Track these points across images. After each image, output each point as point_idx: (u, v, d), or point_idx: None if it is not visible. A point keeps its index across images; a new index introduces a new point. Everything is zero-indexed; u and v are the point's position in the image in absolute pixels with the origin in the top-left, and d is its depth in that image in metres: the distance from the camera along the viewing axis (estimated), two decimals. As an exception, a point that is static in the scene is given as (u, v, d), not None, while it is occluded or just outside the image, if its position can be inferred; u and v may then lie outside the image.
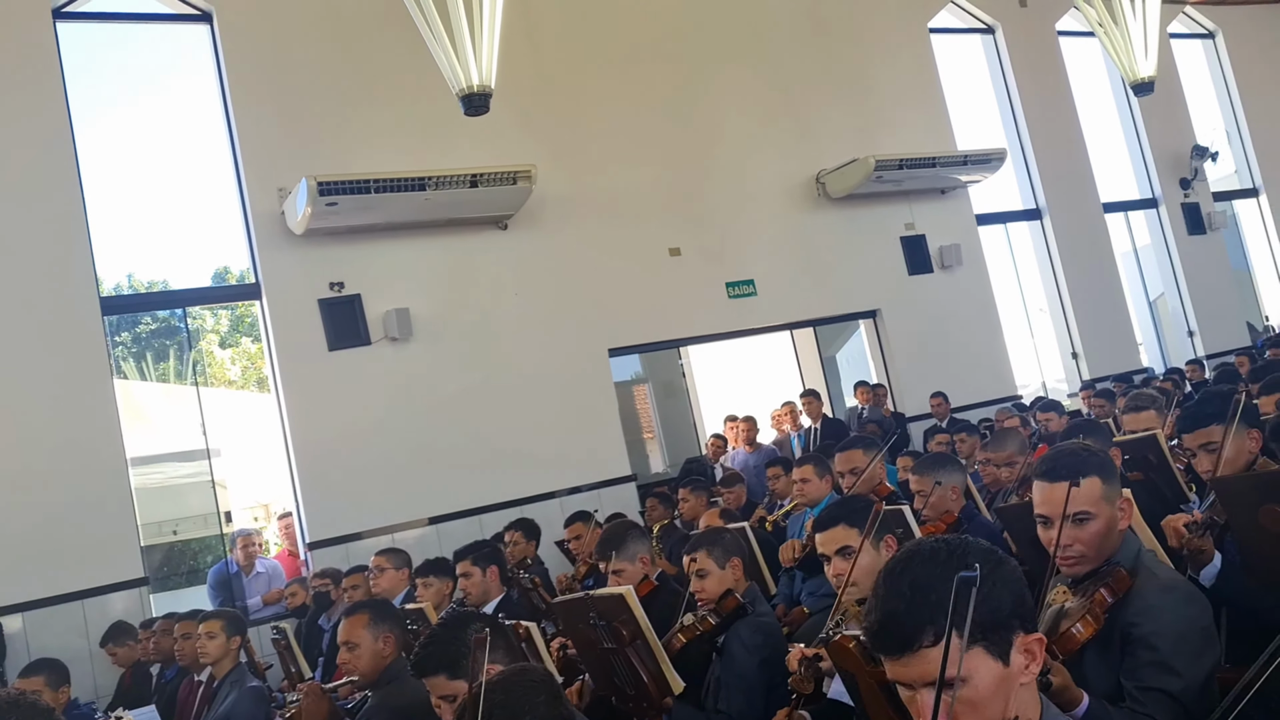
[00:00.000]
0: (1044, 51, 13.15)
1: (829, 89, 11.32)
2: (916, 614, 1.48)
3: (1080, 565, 2.45)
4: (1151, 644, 2.29)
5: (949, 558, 1.53)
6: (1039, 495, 2.53)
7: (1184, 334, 13.50)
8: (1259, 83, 15.07)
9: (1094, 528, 2.43)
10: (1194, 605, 2.38)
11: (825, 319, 11.21)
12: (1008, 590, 1.53)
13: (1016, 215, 12.76)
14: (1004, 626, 1.51)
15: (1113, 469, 2.53)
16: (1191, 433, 3.27)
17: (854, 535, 3.08)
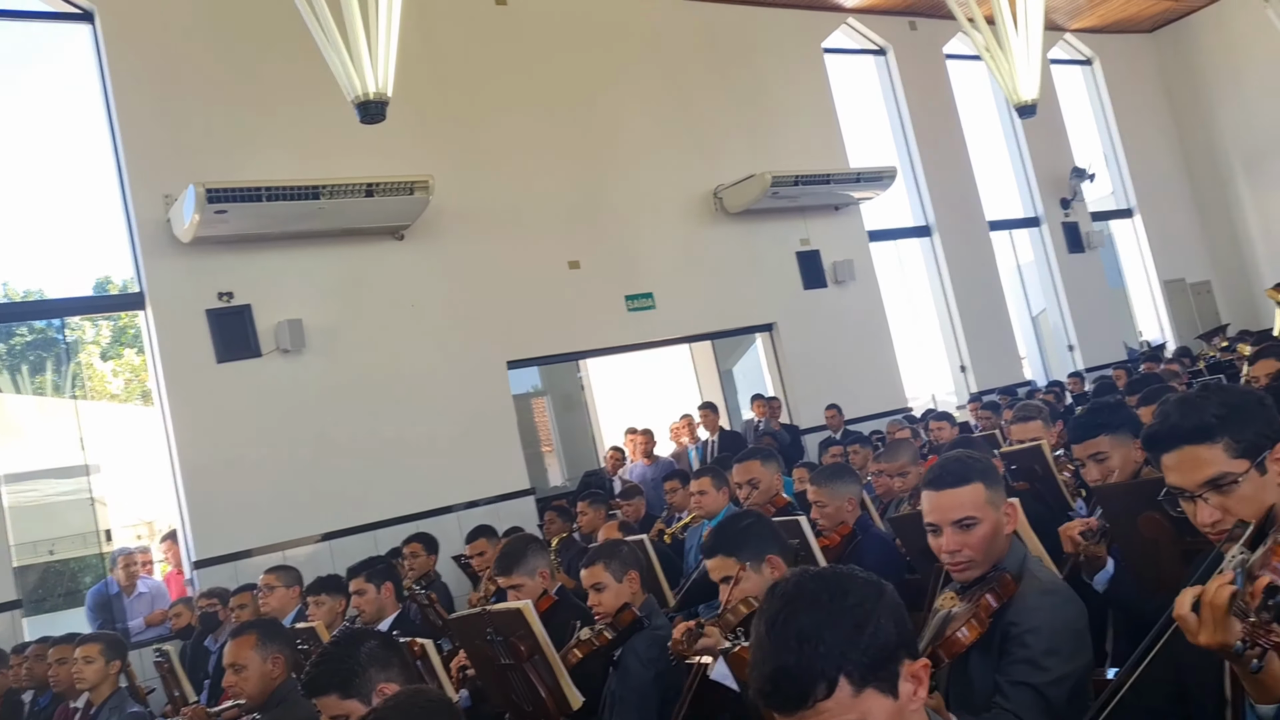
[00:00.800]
0: (933, 74, 13.56)
1: (726, 106, 11.48)
2: (807, 667, 1.43)
3: (969, 571, 2.51)
4: (1026, 642, 2.37)
5: (831, 600, 1.49)
6: (927, 504, 2.59)
7: (1064, 348, 14.03)
8: (1132, 108, 15.80)
9: (980, 532, 2.49)
10: (1071, 608, 2.47)
11: (722, 332, 11.33)
12: (892, 621, 1.50)
13: (907, 232, 13.10)
14: (892, 659, 1.48)
15: (996, 475, 2.61)
16: (1081, 443, 3.37)
17: (732, 564, 3.11)
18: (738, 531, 3.19)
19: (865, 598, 1.51)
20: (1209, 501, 1.90)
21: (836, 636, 1.45)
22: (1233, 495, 1.88)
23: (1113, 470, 3.26)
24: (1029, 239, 14.38)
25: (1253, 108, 15.22)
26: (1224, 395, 1.95)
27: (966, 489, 2.52)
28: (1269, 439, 1.90)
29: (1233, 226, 15.87)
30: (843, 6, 12.76)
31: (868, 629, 1.46)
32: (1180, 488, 1.94)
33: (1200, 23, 15.71)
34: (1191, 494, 1.92)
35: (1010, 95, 8.98)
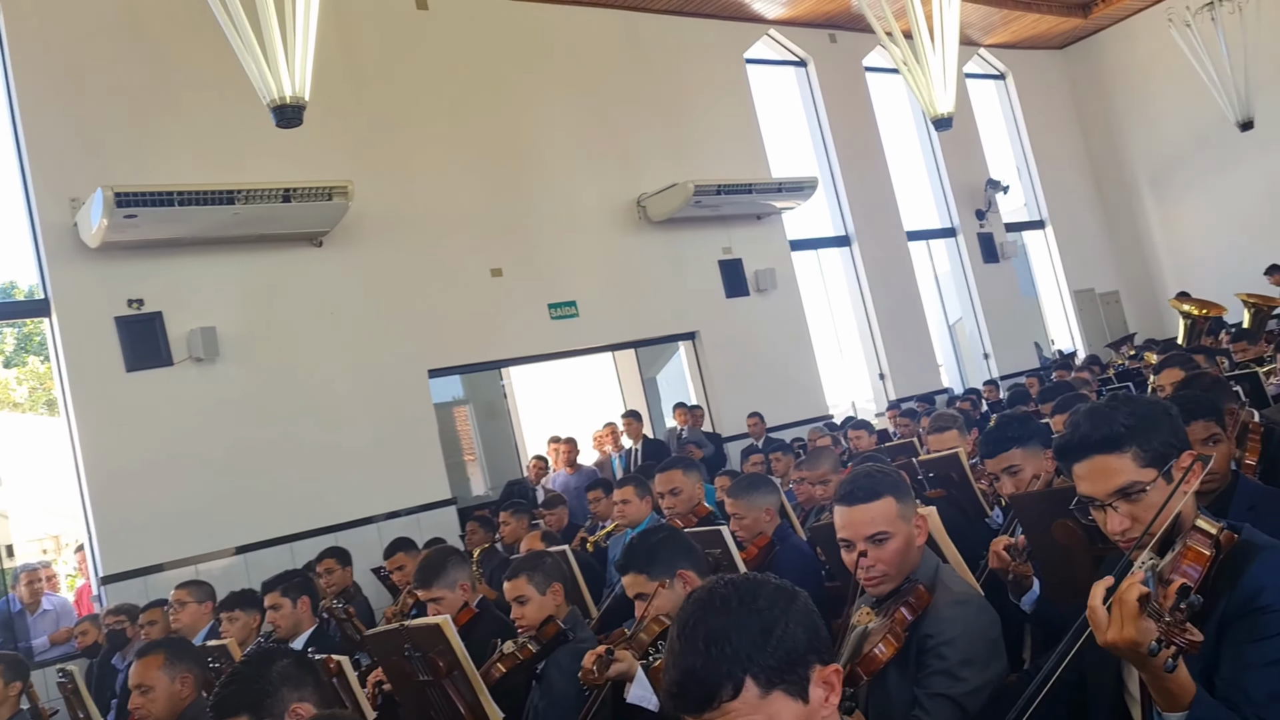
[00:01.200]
0: (852, 86, 13.78)
1: (650, 114, 11.51)
2: (714, 669, 1.45)
3: (883, 584, 2.53)
4: (942, 653, 2.40)
5: (740, 604, 1.51)
6: (840, 519, 2.61)
7: (980, 356, 14.33)
8: (1044, 122, 16.24)
9: (893, 546, 2.52)
10: (984, 617, 2.51)
11: (646, 340, 11.34)
12: (802, 627, 1.51)
13: (827, 241, 13.27)
14: (801, 663, 1.49)
15: (906, 488, 2.63)
16: (994, 458, 3.43)
17: (644, 581, 3.10)
18: (648, 548, 3.18)
19: (775, 602, 1.52)
20: (1119, 510, 1.94)
21: (743, 639, 1.46)
22: (1141, 503, 1.92)
23: (1026, 482, 3.32)
24: (946, 249, 14.67)
25: (1158, 123, 15.74)
26: (1132, 405, 1.99)
27: (878, 504, 2.54)
28: (1174, 448, 1.95)
29: (1139, 238, 16.39)
30: (764, 18, 12.89)
31: (775, 632, 1.48)
32: (1091, 497, 1.98)
33: (1108, 40, 16.22)
34: (1102, 503, 1.96)
35: (927, 108, 9.14)
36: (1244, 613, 1.78)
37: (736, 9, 12.43)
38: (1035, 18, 15.00)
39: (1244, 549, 1.84)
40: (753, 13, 12.68)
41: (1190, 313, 11.90)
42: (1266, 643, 1.75)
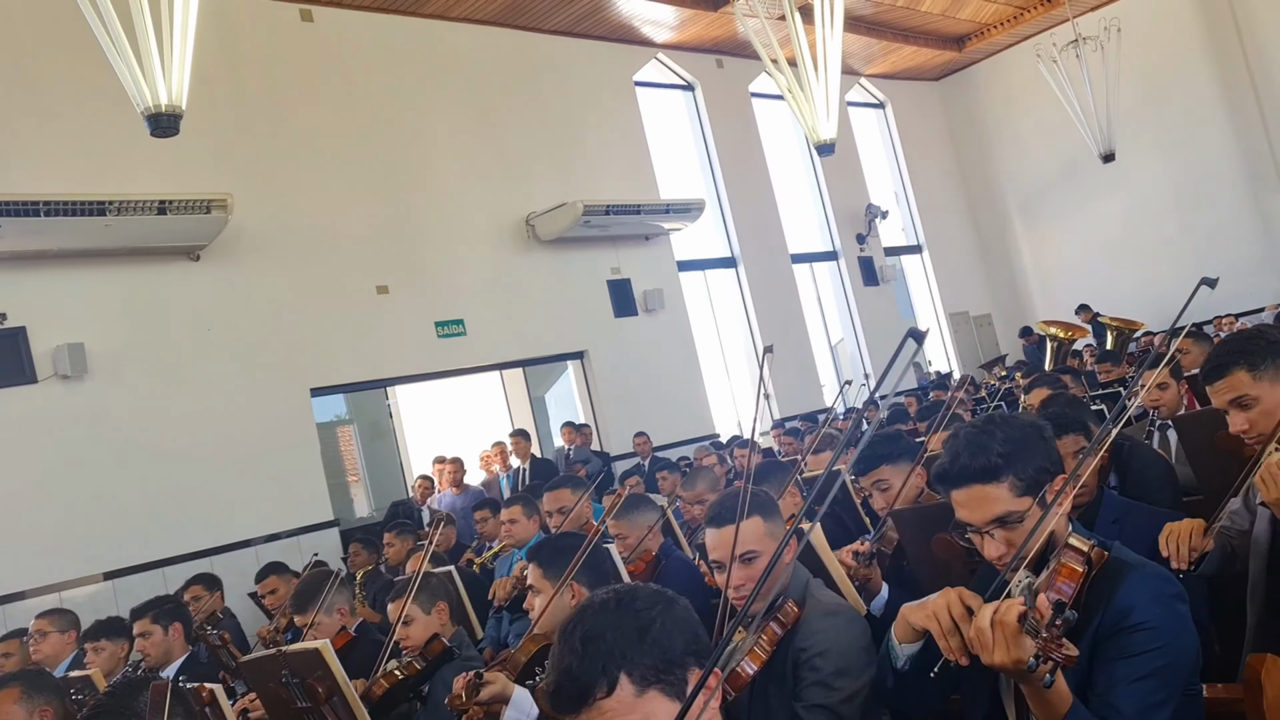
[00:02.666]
0: (739, 110, 14.03)
1: (540, 133, 11.51)
2: (589, 667, 1.47)
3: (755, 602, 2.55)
4: (815, 665, 2.45)
5: (618, 605, 1.54)
6: (709, 541, 2.64)
7: (861, 376, 14.67)
8: (921, 150, 16.81)
9: (761, 564, 2.56)
10: (855, 626, 2.57)
11: (534, 359, 11.30)
12: (678, 629, 1.54)
13: (714, 263, 13.45)
14: (678, 664, 1.52)
15: (774, 507, 2.68)
16: (865, 475, 3.54)
17: (539, 575, 3.12)
18: (558, 549, 3.20)
19: (652, 604, 1.56)
20: (995, 537, 2.00)
21: (618, 637, 1.49)
22: (1017, 531, 1.98)
23: (895, 497, 3.43)
24: (828, 272, 15.03)
25: (1027, 153, 16.45)
26: (1008, 430, 2.04)
27: (745, 524, 2.58)
28: (1048, 473, 2.02)
29: (1010, 263, 17.06)
30: (653, 41, 13.05)
31: (651, 632, 1.51)
32: (969, 523, 2.04)
33: (981, 73, 16.89)
34: (979, 530, 2.02)
35: (810, 134, 9.36)
36: (1115, 630, 1.86)
37: (626, 32, 12.55)
38: (913, 49, 15.54)
39: (1116, 567, 1.92)
40: (642, 36, 12.83)
41: (1057, 335, 12.42)
42: (1136, 659, 1.83)
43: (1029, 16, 15.15)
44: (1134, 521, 2.92)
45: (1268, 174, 14.36)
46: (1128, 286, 15.02)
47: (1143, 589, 1.88)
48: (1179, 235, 14.88)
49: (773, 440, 10.87)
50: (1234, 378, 2.49)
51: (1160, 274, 14.89)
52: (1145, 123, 14.61)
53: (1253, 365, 2.48)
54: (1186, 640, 1.88)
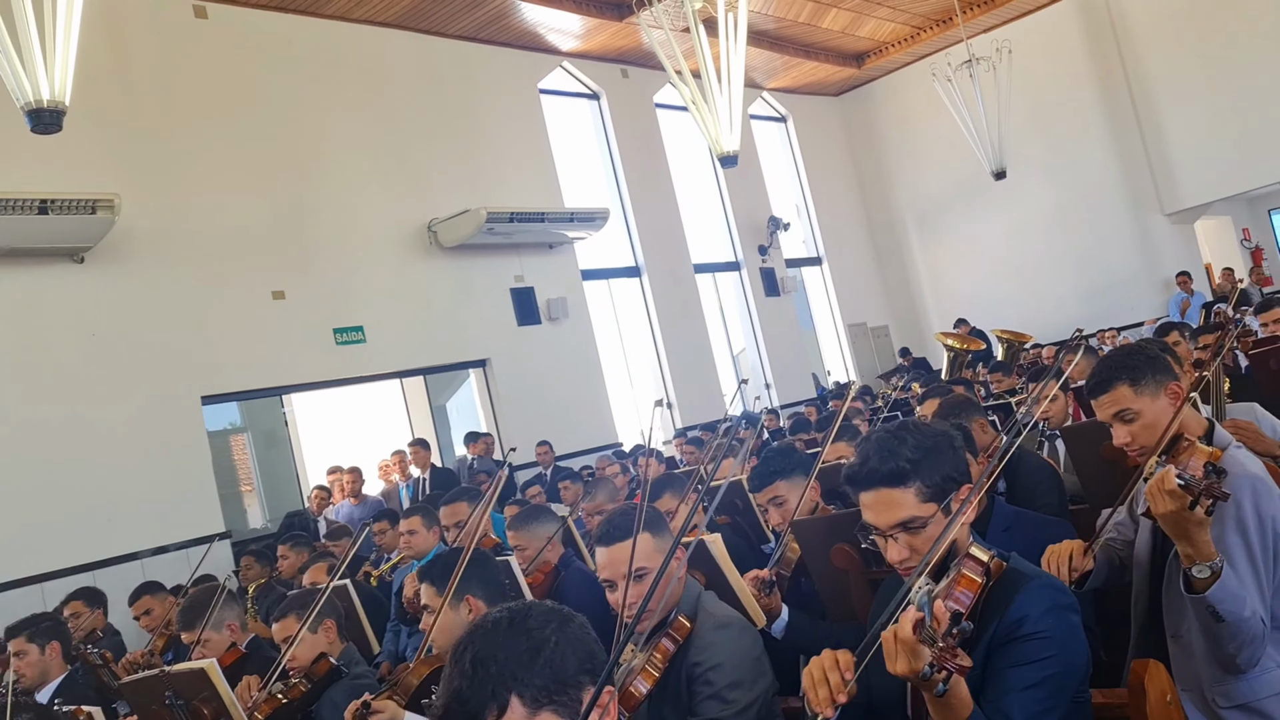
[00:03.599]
0: (644, 120, 14.10)
1: (443, 139, 11.39)
2: (479, 689, 1.44)
3: (646, 620, 2.54)
4: (709, 679, 2.46)
5: (510, 625, 1.50)
6: (600, 560, 2.63)
7: (762, 386, 14.86)
8: (821, 164, 17.13)
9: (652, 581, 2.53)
10: (746, 637, 2.58)
11: (435, 367, 11.16)
12: (573, 648, 1.51)
13: (618, 272, 13.48)
14: (572, 684, 1.49)
15: (663, 523, 2.67)
16: (760, 491, 3.56)
17: (433, 594, 3.05)
18: (449, 564, 3.14)
19: (546, 623, 1.52)
20: (898, 540, 2.03)
21: (509, 658, 1.46)
22: (920, 536, 2.02)
23: (791, 512, 3.46)
24: (731, 282, 15.18)
25: (923, 169, 16.88)
26: (919, 437, 2.07)
27: (637, 541, 2.56)
28: (955, 481, 2.06)
29: (906, 275, 17.48)
30: (559, 49, 13.03)
31: (544, 652, 1.48)
32: (874, 526, 2.06)
33: (880, 90, 17.28)
34: (883, 533, 2.05)
35: (714, 145, 9.44)
36: (1009, 639, 1.91)
37: (532, 39, 12.51)
38: (814, 65, 15.82)
39: (1012, 577, 1.97)
40: (548, 44, 12.79)
41: (953, 347, 12.74)
42: (1027, 667, 1.88)
43: (925, 36, 15.57)
44: (1024, 529, 3.00)
45: (1147, 194, 15.00)
46: (1018, 300, 15.52)
47: (1037, 600, 1.92)
48: (1065, 251, 15.44)
49: (675, 450, 10.91)
50: (1117, 393, 2.56)
51: (1048, 288, 15.45)
52: (1034, 142, 15.13)
53: (1134, 380, 2.55)
54: (1077, 650, 1.93)
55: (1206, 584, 2.18)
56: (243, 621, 4.02)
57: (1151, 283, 14.85)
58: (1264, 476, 2.47)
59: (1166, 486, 2.14)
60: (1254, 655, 2.28)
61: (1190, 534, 2.17)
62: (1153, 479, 2.20)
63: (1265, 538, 2.37)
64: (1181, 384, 2.61)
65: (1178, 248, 15.02)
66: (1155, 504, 2.19)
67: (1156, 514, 2.20)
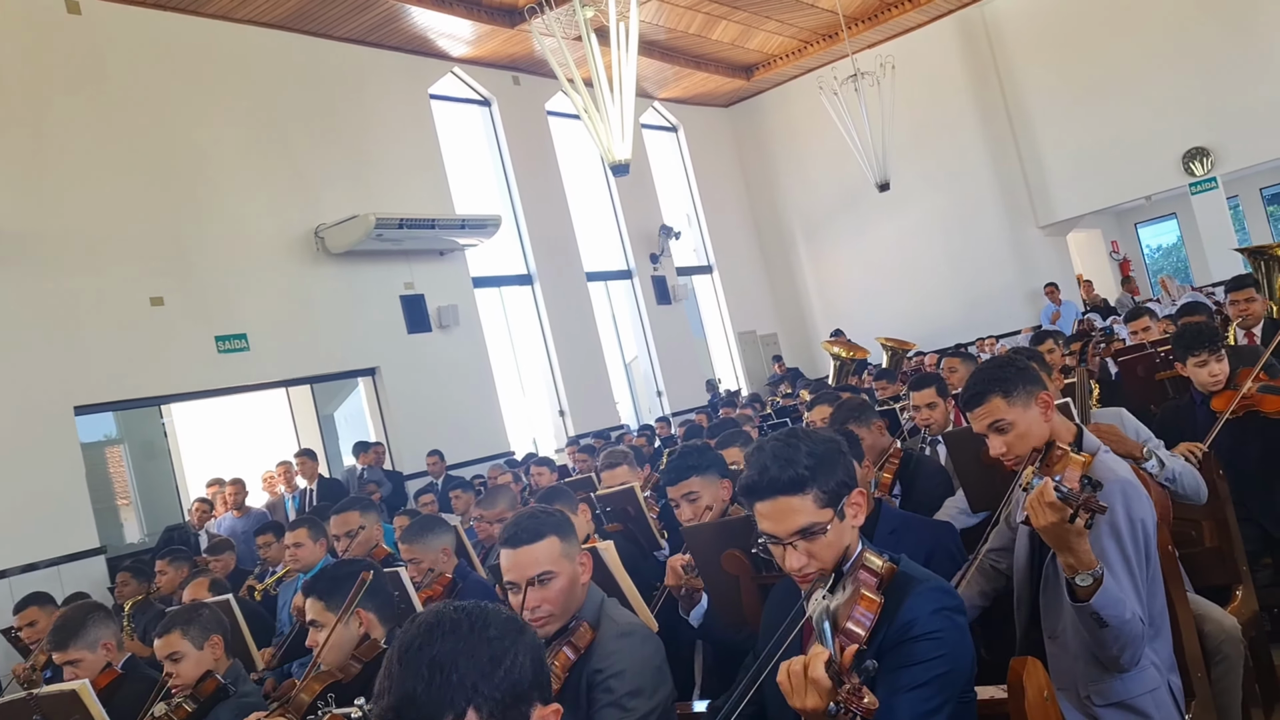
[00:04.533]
0: (536, 128, 14.07)
1: (330, 143, 11.17)
2: (436, 696, 1.36)
3: (549, 625, 2.54)
4: (610, 687, 2.45)
5: (471, 630, 1.43)
6: (506, 562, 2.61)
7: (654, 393, 14.96)
8: (712, 174, 17.35)
9: (558, 586, 2.53)
10: (648, 645, 2.58)
11: (323, 376, 10.93)
12: (529, 661, 1.46)
13: (510, 280, 13.42)
14: (524, 700, 1.44)
15: (569, 527, 2.67)
16: (674, 485, 3.58)
17: (320, 609, 2.99)
18: (336, 577, 3.08)
19: (506, 632, 1.46)
20: (797, 548, 2.05)
21: (471, 667, 1.39)
22: (818, 543, 2.05)
23: (704, 508, 3.49)
24: (623, 290, 15.25)
25: (811, 180, 17.24)
26: (811, 444, 2.10)
27: (541, 544, 2.54)
28: (847, 486, 2.10)
29: (794, 285, 17.82)
30: (449, 55, 12.91)
31: (504, 664, 1.42)
32: (772, 534, 2.09)
33: (769, 102, 17.59)
34: (782, 541, 2.07)
35: (605, 154, 9.47)
36: (899, 642, 1.95)
37: (421, 44, 12.37)
38: (704, 76, 16.02)
39: (902, 581, 2.02)
40: (438, 49, 12.67)
41: (839, 354, 13.02)
42: (916, 668, 1.92)
43: (812, 50, 15.92)
44: (910, 532, 3.09)
45: (1023, 208, 15.63)
46: (902, 309, 15.96)
47: (925, 602, 1.97)
48: (946, 262, 15.96)
49: (567, 458, 10.89)
50: (990, 404, 2.65)
51: (930, 298, 15.93)
52: (917, 155, 15.60)
53: (1007, 392, 2.64)
54: (964, 650, 1.99)
55: (1090, 591, 2.27)
56: (119, 640, 3.87)
57: (1028, 292, 15.44)
58: (1133, 480, 2.59)
59: (1046, 500, 2.22)
60: (1136, 655, 2.39)
61: (1071, 545, 2.26)
62: (1032, 494, 2.28)
63: (1137, 540, 2.48)
64: (1051, 393, 2.72)
65: (1051, 259, 15.67)
66: (1035, 517, 2.26)
67: (1037, 527, 2.27)
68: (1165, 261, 20.66)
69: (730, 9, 13.96)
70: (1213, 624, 2.96)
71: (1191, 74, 14.09)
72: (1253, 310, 6.04)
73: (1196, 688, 2.66)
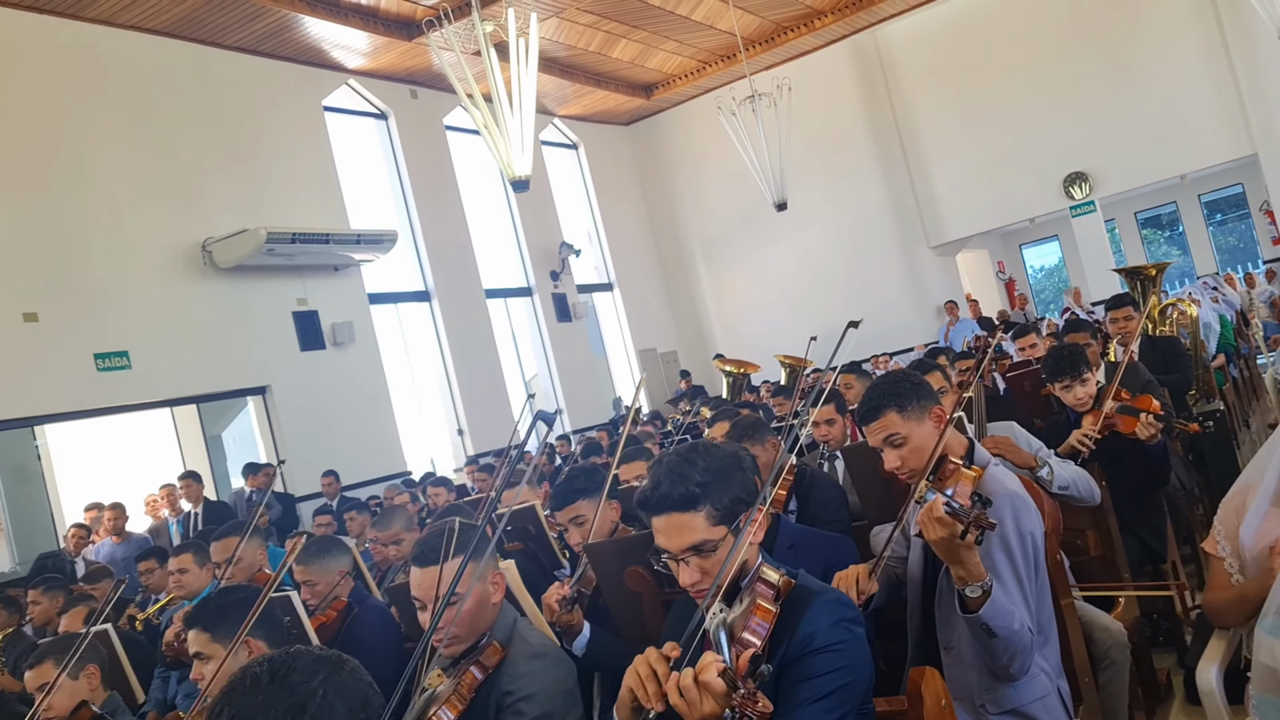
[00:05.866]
0: (434, 143, 13.91)
1: (219, 155, 10.85)
2: None
3: (455, 645, 2.49)
4: (519, 709, 2.40)
5: (271, 680, 1.39)
6: (414, 580, 2.55)
7: (554, 411, 14.86)
8: (612, 191, 17.40)
9: (465, 606, 2.48)
10: (560, 668, 2.54)
11: (210, 395, 10.57)
12: (342, 698, 1.41)
13: (407, 296, 13.21)
14: None
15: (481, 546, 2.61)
16: (562, 509, 3.53)
17: (205, 640, 2.86)
18: (221, 605, 2.94)
19: (312, 674, 1.41)
20: (690, 564, 2.03)
21: (269, 718, 1.35)
22: (711, 559, 2.02)
23: (590, 532, 3.45)
24: (523, 307, 15.15)
25: (710, 199, 17.43)
26: (709, 459, 2.08)
27: (450, 564, 2.51)
28: (744, 503, 2.07)
29: (694, 303, 17.96)
30: (344, 67, 12.69)
31: (310, 709, 1.37)
32: (666, 549, 2.06)
33: (668, 121, 17.73)
34: (675, 556, 2.05)
35: (505, 169, 9.40)
36: (799, 655, 1.94)
37: (315, 55, 12.12)
38: (604, 94, 16.08)
39: (800, 594, 2.01)
40: (332, 60, 12.43)
41: (731, 371, 13.17)
42: (817, 680, 1.91)
43: (710, 71, 16.11)
44: (808, 546, 3.10)
45: (915, 229, 16.06)
46: (800, 326, 16.12)
47: (825, 615, 1.97)
48: (843, 280, 16.28)
49: (466, 477, 10.74)
50: (885, 419, 2.68)
51: (827, 315, 16.16)
52: (814, 176, 15.91)
53: (901, 406, 2.68)
54: (863, 661, 1.99)
55: (979, 603, 2.31)
56: (-17, 675, 3.65)
57: (920, 310, 15.85)
58: (1022, 493, 2.65)
59: (935, 515, 2.26)
60: (1025, 664, 2.43)
61: (961, 558, 2.30)
62: (922, 510, 2.33)
63: (1026, 551, 2.54)
64: (944, 407, 2.77)
65: (942, 278, 16.13)
66: (927, 531, 2.30)
67: (929, 540, 2.32)
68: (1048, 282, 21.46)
69: (630, 28, 14.04)
70: (1099, 629, 3.05)
71: (1071, 102, 14.71)
72: (1130, 327, 6.27)
73: (1085, 692, 2.74)
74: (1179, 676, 3.92)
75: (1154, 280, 8.60)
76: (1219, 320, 8.49)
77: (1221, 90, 13.99)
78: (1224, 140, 14.17)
